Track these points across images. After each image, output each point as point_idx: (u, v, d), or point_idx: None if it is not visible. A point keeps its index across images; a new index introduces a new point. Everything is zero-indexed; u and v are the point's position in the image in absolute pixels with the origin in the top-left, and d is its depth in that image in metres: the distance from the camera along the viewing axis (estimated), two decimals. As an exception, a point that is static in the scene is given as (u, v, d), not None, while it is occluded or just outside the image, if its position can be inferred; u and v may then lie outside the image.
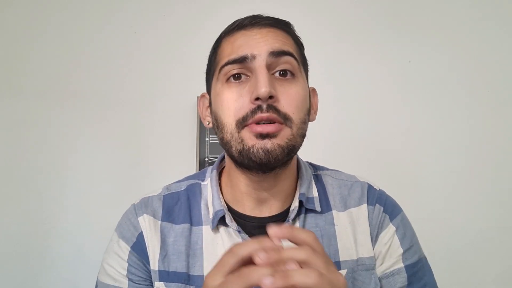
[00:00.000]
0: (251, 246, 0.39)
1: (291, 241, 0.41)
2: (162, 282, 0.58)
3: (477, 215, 1.43)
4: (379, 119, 1.48)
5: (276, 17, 0.60)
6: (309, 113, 0.60)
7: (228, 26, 0.60)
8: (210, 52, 0.63)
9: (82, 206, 1.40)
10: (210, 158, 1.42)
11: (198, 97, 1.59)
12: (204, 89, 0.67)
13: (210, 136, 1.43)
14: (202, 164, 1.41)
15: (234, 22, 0.59)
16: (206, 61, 0.64)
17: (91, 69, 1.47)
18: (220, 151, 1.42)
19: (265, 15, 0.60)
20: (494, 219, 1.42)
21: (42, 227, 1.38)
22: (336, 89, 1.47)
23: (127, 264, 0.59)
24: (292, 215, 0.59)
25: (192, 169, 1.41)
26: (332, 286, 0.37)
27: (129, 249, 0.60)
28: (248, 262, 0.39)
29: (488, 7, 1.52)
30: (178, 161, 1.44)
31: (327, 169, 0.70)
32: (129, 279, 0.59)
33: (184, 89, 1.45)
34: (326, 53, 1.48)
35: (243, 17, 0.59)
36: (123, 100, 1.47)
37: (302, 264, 0.38)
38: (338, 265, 0.58)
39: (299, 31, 0.63)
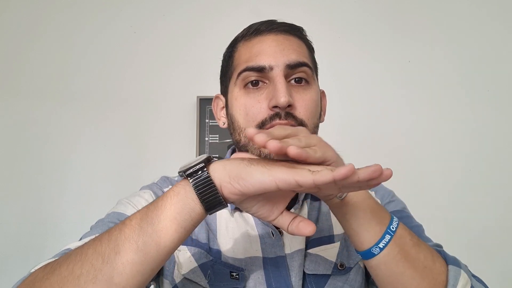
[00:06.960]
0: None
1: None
2: (184, 246, 0.60)
3: (479, 214, 1.42)
4: (380, 119, 1.48)
5: (290, 23, 0.63)
6: (320, 116, 0.63)
7: (243, 30, 0.63)
8: (225, 54, 0.66)
9: (82, 206, 1.40)
10: (210, 158, 1.42)
11: (198, 96, 1.57)
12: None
13: (210, 136, 1.43)
14: (202, 164, 1.41)
15: (250, 26, 0.62)
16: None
17: (91, 69, 1.47)
18: (219, 151, 1.42)
19: (279, 20, 0.62)
20: (496, 218, 1.42)
21: (42, 227, 1.38)
22: (337, 88, 1.46)
23: None
24: (301, 197, 0.64)
25: (192, 169, 1.41)
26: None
27: None
28: None
29: (489, 6, 1.51)
30: (178, 161, 1.42)
31: None
32: None
33: (184, 89, 1.45)
34: (327, 52, 1.48)
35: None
36: (123, 100, 1.46)
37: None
38: (332, 238, 0.63)
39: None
